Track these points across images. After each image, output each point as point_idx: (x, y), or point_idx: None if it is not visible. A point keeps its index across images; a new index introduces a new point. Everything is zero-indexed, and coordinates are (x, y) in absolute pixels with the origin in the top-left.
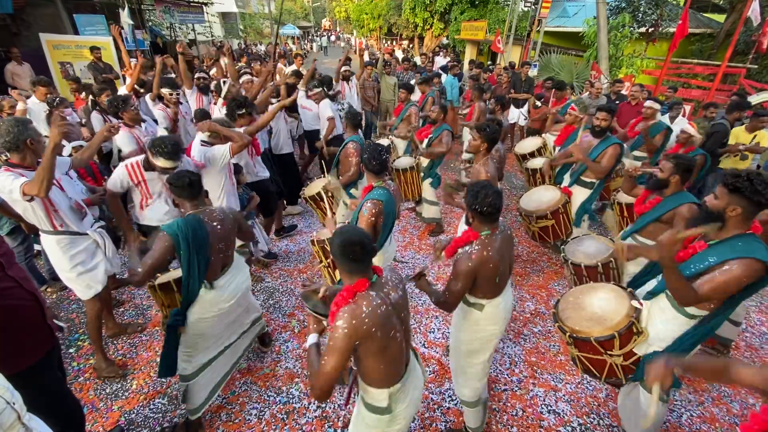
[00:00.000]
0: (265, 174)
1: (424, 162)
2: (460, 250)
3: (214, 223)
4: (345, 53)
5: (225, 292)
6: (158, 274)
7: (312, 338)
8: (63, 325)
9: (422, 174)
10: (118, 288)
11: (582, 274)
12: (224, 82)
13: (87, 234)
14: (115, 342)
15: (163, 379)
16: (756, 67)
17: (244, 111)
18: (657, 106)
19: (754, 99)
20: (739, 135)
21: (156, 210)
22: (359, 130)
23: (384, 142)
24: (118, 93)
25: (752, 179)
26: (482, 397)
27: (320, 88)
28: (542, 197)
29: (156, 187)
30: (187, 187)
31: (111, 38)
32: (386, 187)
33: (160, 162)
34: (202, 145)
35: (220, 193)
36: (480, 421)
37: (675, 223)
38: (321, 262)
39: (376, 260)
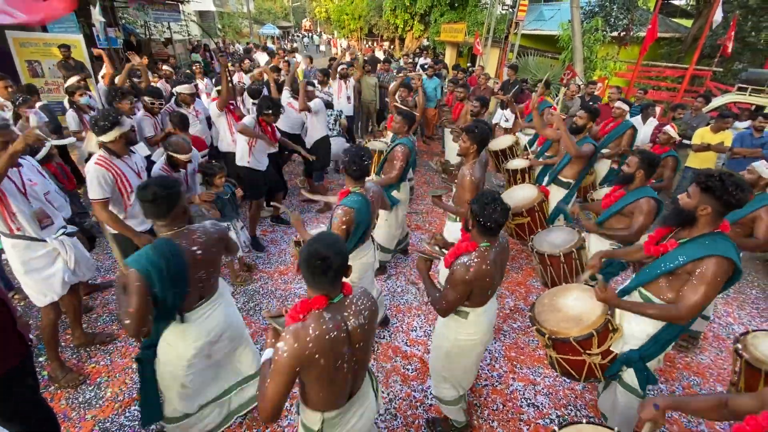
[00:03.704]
0: (259, 166)
1: None
2: (457, 260)
3: (194, 248)
4: (343, 53)
5: (199, 328)
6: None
7: (267, 353)
8: (33, 336)
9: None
10: (90, 294)
11: (546, 263)
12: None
13: (46, 241)
14: (88, 349)
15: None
16: (721, 70)
17: (271, 111)
18: (626, 107)
19: (719, 101)
20: (704, 135)
21: (139, 212)
22: (410, 133)
23: (379, 144)
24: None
25: (724, 180)
26: (462, 395)
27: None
28: (520, 195)
29: (133, 178)
30: (149, 202)
31: (81, 36)
32: (363, 192)
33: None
34: (163, 169)
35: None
36: (464, 416)
37: (634, 215)
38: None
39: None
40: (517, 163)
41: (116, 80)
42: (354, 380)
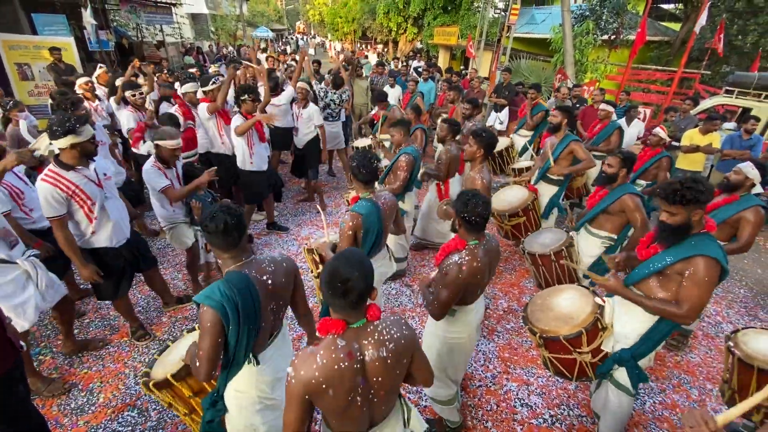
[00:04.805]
0: (262, 167)
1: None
2: (448, 259)
3: (264, 278)
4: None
5: (268, 369)
6: (148, 369)
7: None
8: (23, 343)
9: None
10: (82, 299)
11: (538, 263)
12: (214, 81)
13: (16, 263)
14: (80, 354)
15: (133, 391)
16: (709, 72)
17: (246, 97)
18: (610, 108)
19: (707, 103)
20: (693, 137)
21: (107, 224)
22: None
23: (364, 141)
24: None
25: (691, 186)
26: (457, 394)
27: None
28: (511, 197)
29: (91, 189)
30: (220, 233)
31: (72, 38)
32: (372, 198)
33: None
34: (154, 165)
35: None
36: (458, 416)
37: (628, 215)
38: (312, 272)
39: None
40: (524, 163)
41: (117, 82)
42: (371, 413)
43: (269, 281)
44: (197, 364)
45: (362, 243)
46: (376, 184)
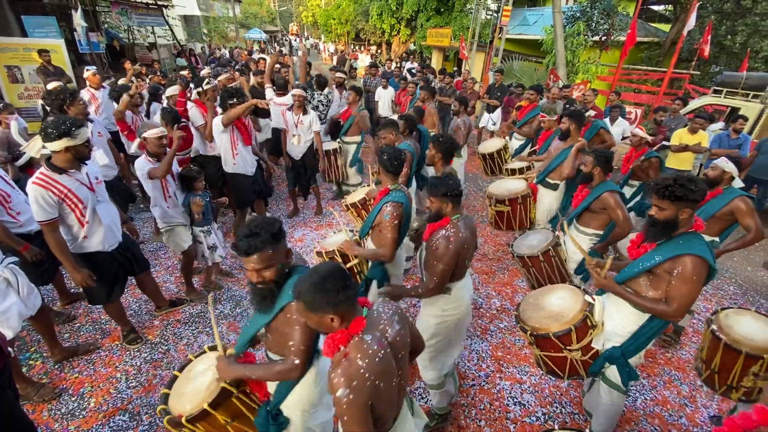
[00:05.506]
0: (247, 170)
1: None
2: (435, 235)
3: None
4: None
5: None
6: (165, 406)
7: None
8: (11, 349)
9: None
10: (72, 303)
11: (528, 264)
12: (207, 82)
13: None
14: (70, 359)
15: (124, 395)
16: (698, 73)
17: (235, 101)
18: (590, 113)
19: (696, 103)
20: (682, 136)
21: (99, 228)
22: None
23: (332, 145)
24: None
25: (683, 184)
26: (448, 372)
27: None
28: (508, 186)
29: (83, 193)
30: (280, 240)
31: (62, 40)
32: (402, 189)
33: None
34: (146, 158)
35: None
36: (446, 401)
37: (609, 212)
38: None
39: (392, 267)
40: (518, 164)
41: (119, 81)
42: (399, 399)
43: None
44: (296, 361)
45: (401, 232)
46: (373, 185)
